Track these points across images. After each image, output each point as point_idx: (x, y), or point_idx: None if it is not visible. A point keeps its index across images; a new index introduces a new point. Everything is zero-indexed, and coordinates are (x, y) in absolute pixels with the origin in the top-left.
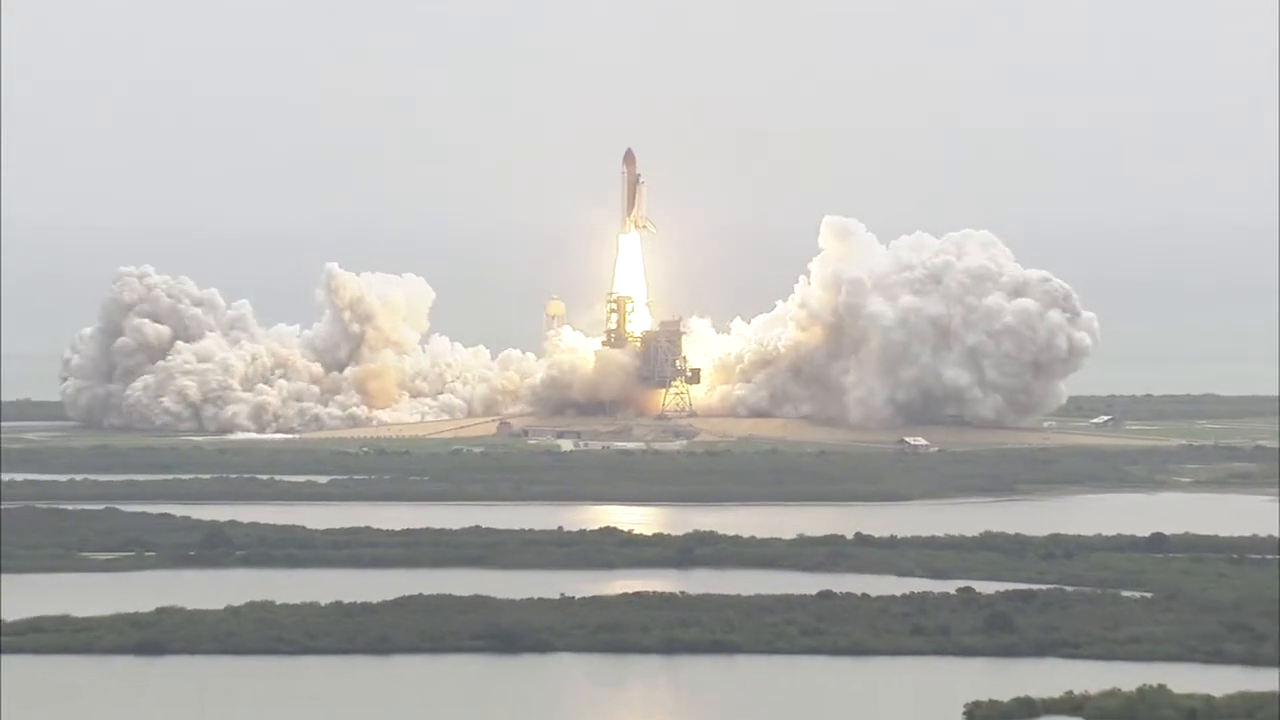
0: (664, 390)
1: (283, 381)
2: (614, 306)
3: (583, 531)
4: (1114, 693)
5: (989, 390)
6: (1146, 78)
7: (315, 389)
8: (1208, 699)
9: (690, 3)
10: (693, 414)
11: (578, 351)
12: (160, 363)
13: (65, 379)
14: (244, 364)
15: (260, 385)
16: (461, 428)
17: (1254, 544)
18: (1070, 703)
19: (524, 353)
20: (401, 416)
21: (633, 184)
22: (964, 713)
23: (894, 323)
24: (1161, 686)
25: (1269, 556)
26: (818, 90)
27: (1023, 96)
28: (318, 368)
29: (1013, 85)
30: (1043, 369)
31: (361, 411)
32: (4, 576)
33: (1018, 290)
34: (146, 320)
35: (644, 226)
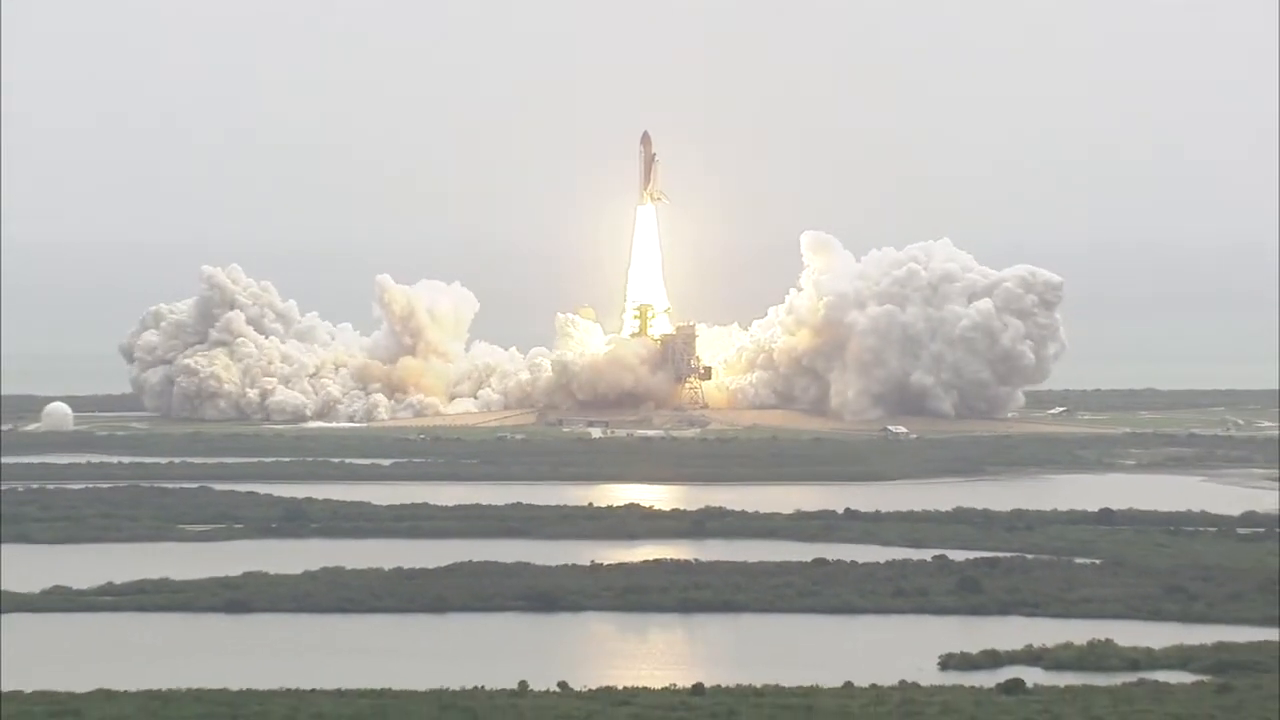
0: (681, 385)
1: (345, 376)
2: (638, 314)
3: (609, 507)
4: (1068, 645)
5: (950, 391)
6: (1147, 96)
7: (376, 385)
8: (1148, 651)
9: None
10: (705, 406)
11: (586, 341)
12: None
13: (143, 368)
14: (314, 362)
15: (326, 380)
16: (505, 418)
17: (1188, 518)
18: (1030, 654)
19: (550, 349)
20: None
21: (649, 161)
22: (938, 663)
23: (867, 330)
24: (1109, 640)
25: (1202, 529)
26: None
27: (1025, 112)
28: (378, 365)
29: (1015, 101)
30: (1001, 377)
31: (417, 402)
32: (114, 545)
33: (982, 293)
34: (238, 313)
35: (658, 198)
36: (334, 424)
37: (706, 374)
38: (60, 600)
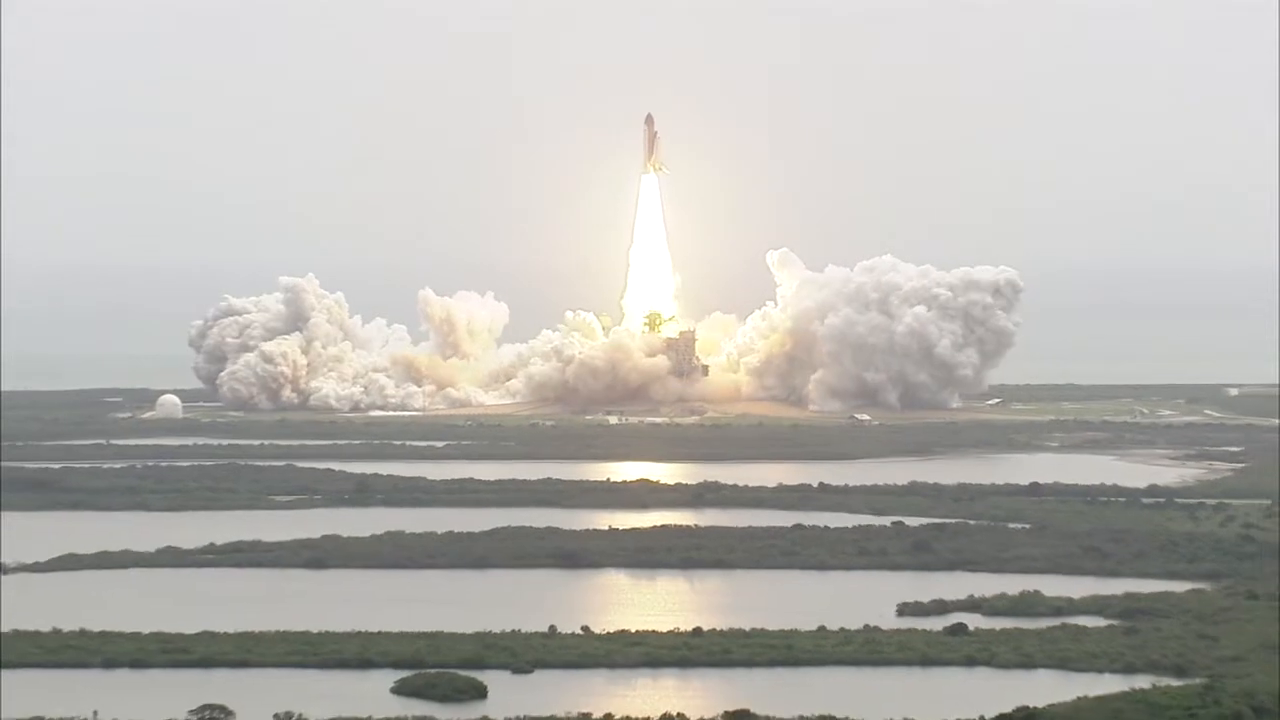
0: (683, 379)
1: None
2: (648, 321)
3: (624, 481)
4: (1003, 596)
5: (897, 386)
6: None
7: (427, 381)
8: (1069, 599)
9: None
10: (703, 398)
11: (581, 335)
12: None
13: (211, 360)
14: (370, 363)
15: (379, 375)
16: (537, 408)
17: (1101, 490)
18: (972, 603)
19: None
20: (488, 398)
21: (651, 138)
22: (896, 610)
23: (826, 337)
24: (1036, 591)
25: (1113, 499)
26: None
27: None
28: (423, 363)
29: (1037, 120)
30: (940, 381)
31: (461, 395)
32: (215, 512)
33: (919, 300)
34: (324, 320)
35: (660, 169)
36: (394, 413)
37: (705, 371)
38: (171, 558)
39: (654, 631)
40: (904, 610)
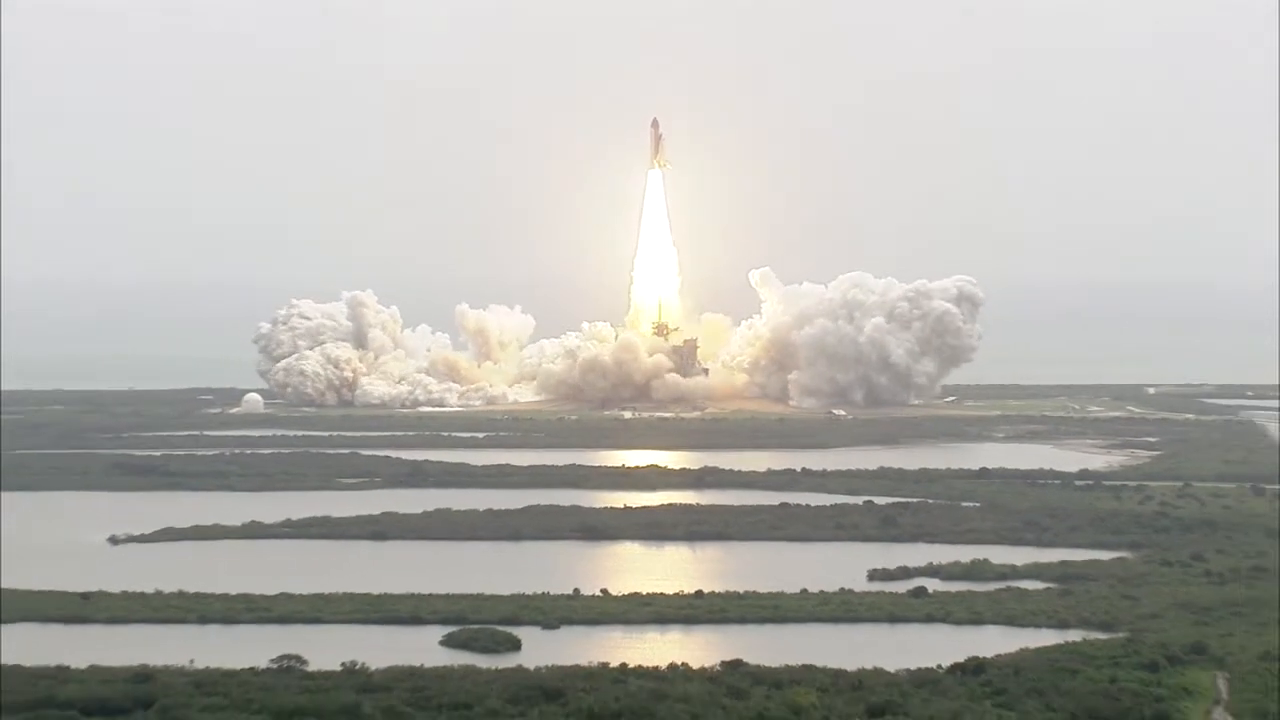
0: (687, 379)
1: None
2: (657, 328)
3: (637, 467)
4: (957, 563)
5: (862, 387)
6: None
7: (468, 381)
8: (1013, 566)
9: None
10: (704, 396)
11: (595, 340)
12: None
13: (271, 360)
14: (414, 366)
15: (423, 376)
16: (559, 405)
17: (1040, 474)
18: (931, 569)
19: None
20: (515, 396)
21: (656, 139)
22: (867, 575)
23: (802, 345)
24: (985, 560)
25: (1050, 481)
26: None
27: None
28: (462, 365)
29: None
30: (901, 383)
31: (496, 392)
32: (291, 492)
33: (881, 312)
34: (379, 330)
35: (664, 165)
36: (435, 409)
37: (706, 373)
38: (254, 530)
39: (662, 594)
40: (873, 575)
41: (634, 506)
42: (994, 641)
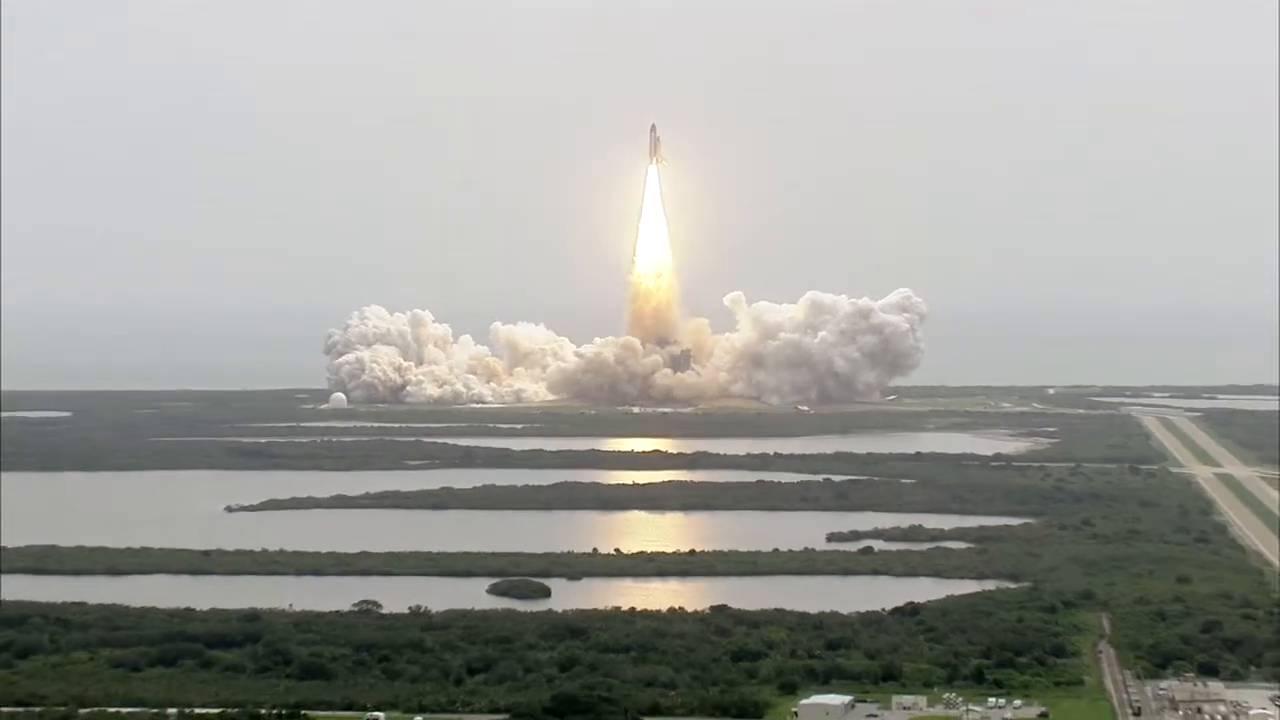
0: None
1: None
2: (657, 340)
3: (643, 451)
4: (897, 528)
5: (816, 388)
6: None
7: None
8: (941, 529)
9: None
10: (696, 394)
11: (596, 347)
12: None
13: (335, 357)
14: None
15: (470, 376)
16: (577, 402)
17: (964, 457)
18: (876, 533)
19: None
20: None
21: (654, 141)
22: (826, 537)
23: (769, 356)
24: (920, 525)
25: (971, 463)
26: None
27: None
28: (496, 369)
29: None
30: (845, 386)
31: (525, 390)
32: (368, 472)
33: (834, 328)
34: (432, 346)
35: (661, 161)
36: (483, 404)
37: (697, 374)
38: (340, 501)
39: (662, 552)
40: (831, 538)
41: (640, 483)
42: (926, 590)
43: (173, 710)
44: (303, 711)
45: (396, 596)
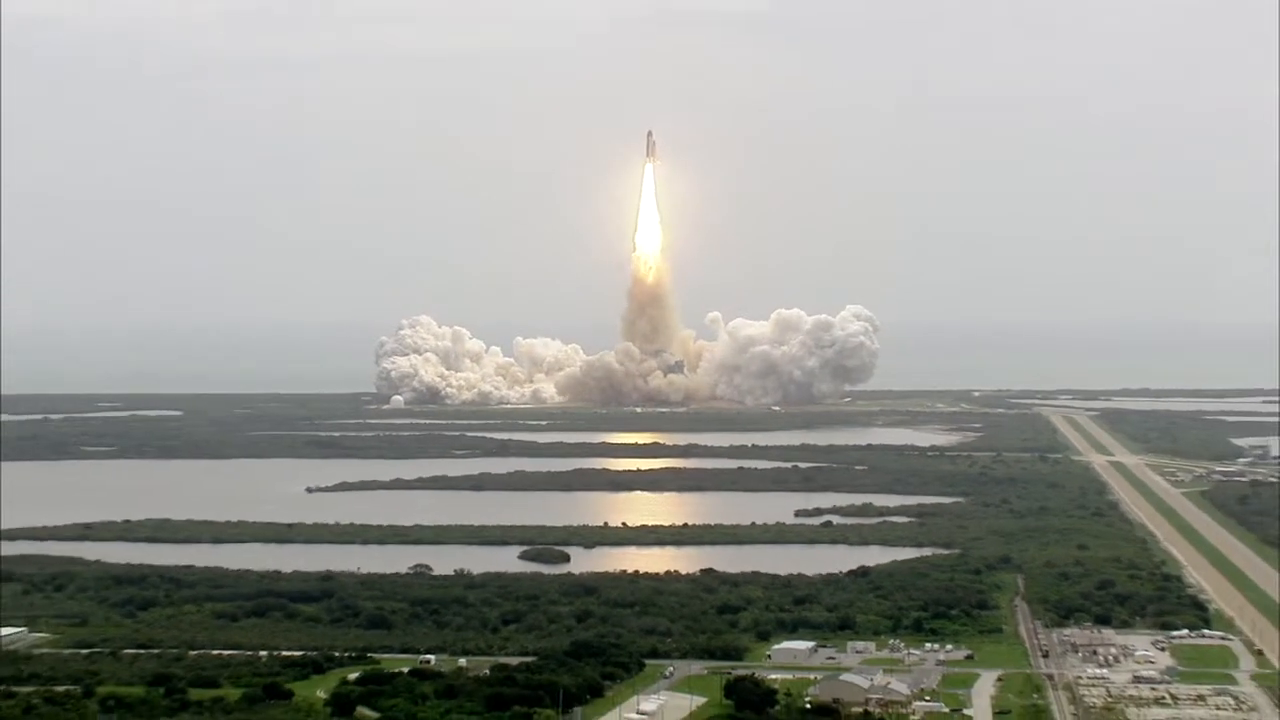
0: (675, 384)
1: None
2: (654, 353)
3: (645, 443)
4: (851, 505)
5: (780, 391)
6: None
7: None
8: (887, 506)
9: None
10: (687, 396)
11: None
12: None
13: (382, 359)
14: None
15: (499, 378)
16: (581, 402)
17: (906, 449)
18: (835, 509)
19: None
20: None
21: (650, 145)
22: (794, 513)
23: (743, 365)
24: (870, 503)
25: (912, 453)
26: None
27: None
28: (520, 375)
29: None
30: (803, 392)
31: (542, 392)
32: (423, 459)
33: (798, 341)
34: (467, 359)
35: (657, 160)
36: (507, 404)
37: (689, 378)
38: (398, 484)
39: (660, 525)
40: (798, 513)
41: (642, 469)
42: (875, 555)
43: (263, 652)
44: (368, 654)
45: (444, 561)
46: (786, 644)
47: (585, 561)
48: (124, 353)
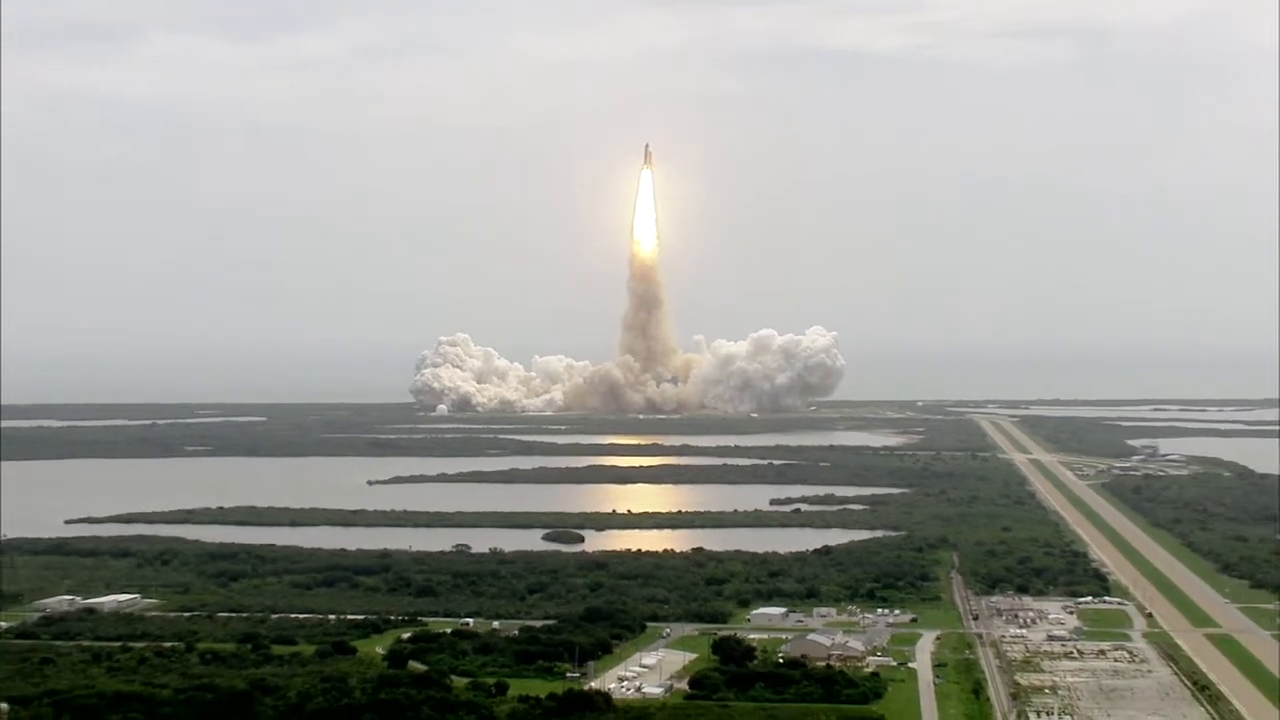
0: (669, 394)
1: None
2: (654, 373)
3: (645, 444)
4: (817, 495)
5: (754, 402)
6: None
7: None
8: (847, 496)
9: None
10: (680, 404)
11: (602, 365)
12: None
13: (419, 371)
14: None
15: (521, 386)
16: (587, 410)
17: (863, 449)
18: (803, 499)
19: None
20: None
21: (647, 153)
22: (769, 501)
23: (726, 380)
24: (832, 494)
25: (867, 452)
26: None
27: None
28: (539, 386)
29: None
30: (773, 404)
31: (556, 401)
32: (462, 458)
33: (770, 358)
34: (496, 378)
35: (653, 166)
36: (530, 412)
37: (675, 383)
38: (443, 478)
39: (659, 511)
40: (773, 502)
41: (644, 466)
42: (836, 537)
43: (332, 616)
44: (418, 617)
45: (480, 541)
46: (763, 609)
47: (597, 542)
48: (218, 370)
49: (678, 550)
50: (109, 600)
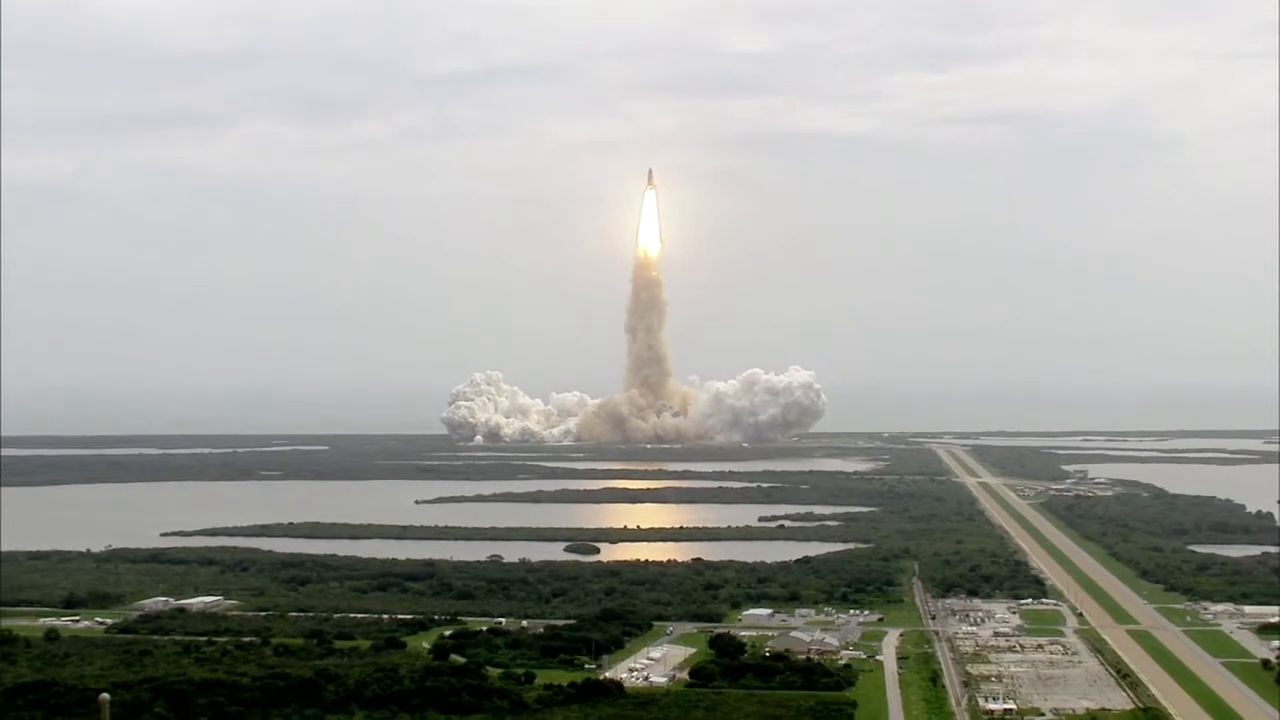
0: (671, 426)
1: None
2: (658, 408)
3: (651, 470)
4: (798, 513)
5: (744, 433)
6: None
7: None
8: (825, 514)
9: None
10: (680, 435)
11: (606, 396)
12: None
13: (453, 408)
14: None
15: (539, 417)
16: (600, 441)
17: (839, 475)
18: (787, 516)
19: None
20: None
21: (650, 178)
22: (758, 518)
23: (719, 414)
24: (811, 511)
25: (842, 476)
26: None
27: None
28: (554, 418)
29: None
30: (760, 435)
31: (571, 431)
32: (495, 480)
33: (758, 395)
34: (517, 414)
35: (654, 186)
36: (548, 442)
37: (676, 415)
38: (480, 498)
39: (664, 527)
40: (760, 519)
41: (650, 488)
42: (815, 549)
43: (385, 616)
44: (458, 617)
45: (511, 552)
46: (752, 611)
47: (611, 553)
48: (289, 406)
49: (680, 560)
50: (197, 601)
